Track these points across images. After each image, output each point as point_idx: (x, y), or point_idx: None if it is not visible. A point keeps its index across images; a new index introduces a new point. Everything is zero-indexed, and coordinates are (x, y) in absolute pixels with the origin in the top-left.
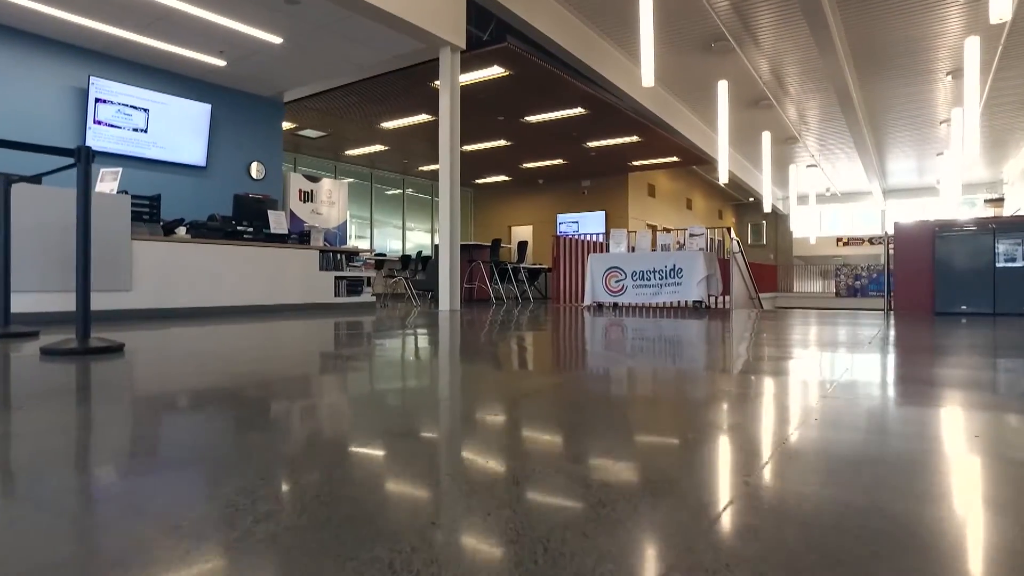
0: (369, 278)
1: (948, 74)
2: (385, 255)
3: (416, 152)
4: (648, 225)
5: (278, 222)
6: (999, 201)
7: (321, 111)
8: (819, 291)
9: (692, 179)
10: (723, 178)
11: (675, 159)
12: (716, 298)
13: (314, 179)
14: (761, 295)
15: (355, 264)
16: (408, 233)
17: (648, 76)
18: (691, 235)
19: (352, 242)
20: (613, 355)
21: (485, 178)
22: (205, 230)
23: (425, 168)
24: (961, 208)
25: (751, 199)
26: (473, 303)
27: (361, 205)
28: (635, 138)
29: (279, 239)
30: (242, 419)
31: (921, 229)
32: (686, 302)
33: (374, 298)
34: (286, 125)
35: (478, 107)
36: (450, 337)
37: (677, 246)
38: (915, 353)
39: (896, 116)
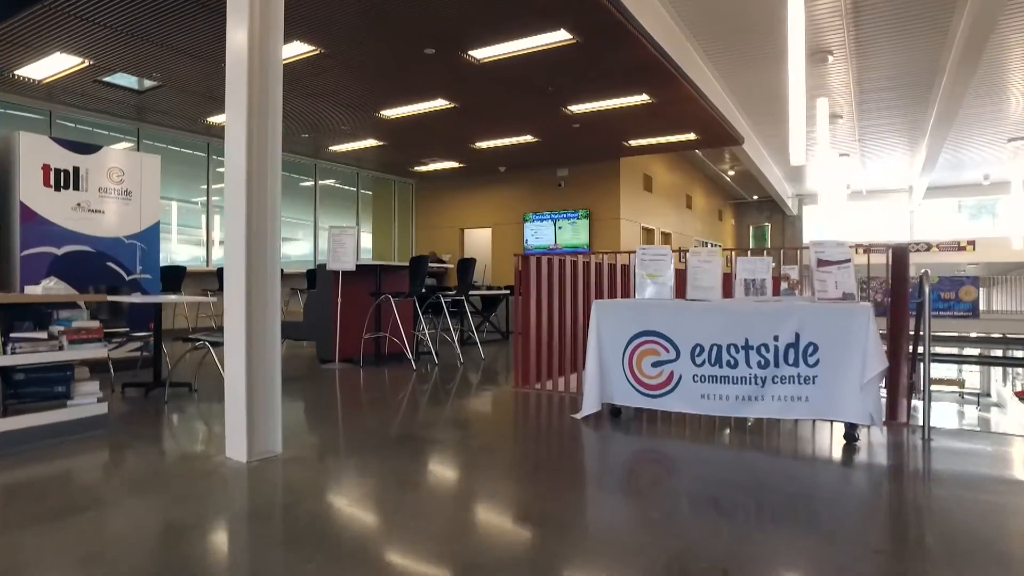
0: (80, 365)
1: None
2: (282, 269)
3: (319, 119)
4: (644, 228)
5: None
6: None
7: (114, 30)
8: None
9: (692, 170)
10: (797, 157)
11: (691, 136)
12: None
13: (85, 149)
14: None
15: (29, 338)
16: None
17: None
18: (821, 262)
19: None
20: None
21: (427, 164)
22: None
23: (340, 148)
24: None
25: (755, 196)
26: (383, 363)
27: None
28: (644, 98)
29: None
30: None
31: None
32: (815, 423)
33: (104, 406)
34: (72, 61)
35: (382, 22)
36: None
37: (788, 286)
38: None
39: (981, 85)
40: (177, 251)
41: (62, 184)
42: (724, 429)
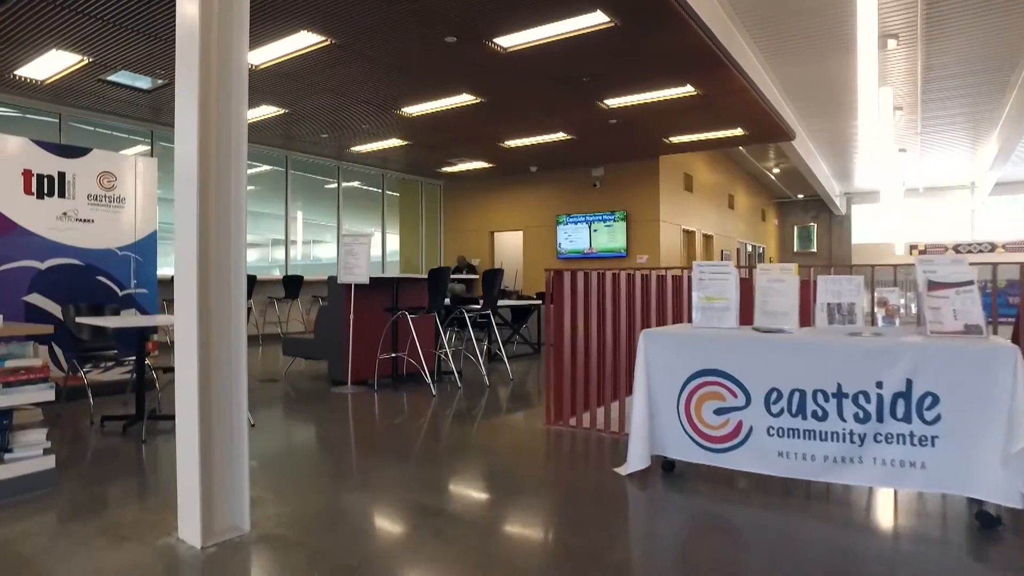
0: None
1: None
2: (301, 277)
3: (337, 117)
4: (685, 231)
5: None
6: None
7: (107, 23)
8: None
9: (735, 168)
10: (869, 152)
11: (738, 132)
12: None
13: (71, 152)
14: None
15: None
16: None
17: None
18: (933, 284)
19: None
20: None
21: (455, 164)
22: None
23: (363, 149)
24: None
25: (800, 195)
26: (401, 385)
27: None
28: (688, 89)
29: None
30: None
31: None
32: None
33: (51, 459)
34: (71, 59)
35: (396, 6)
36: None
37: (886, 314)
38: None
39: None
40: None
41: (45, 191)
42: (808, 496)
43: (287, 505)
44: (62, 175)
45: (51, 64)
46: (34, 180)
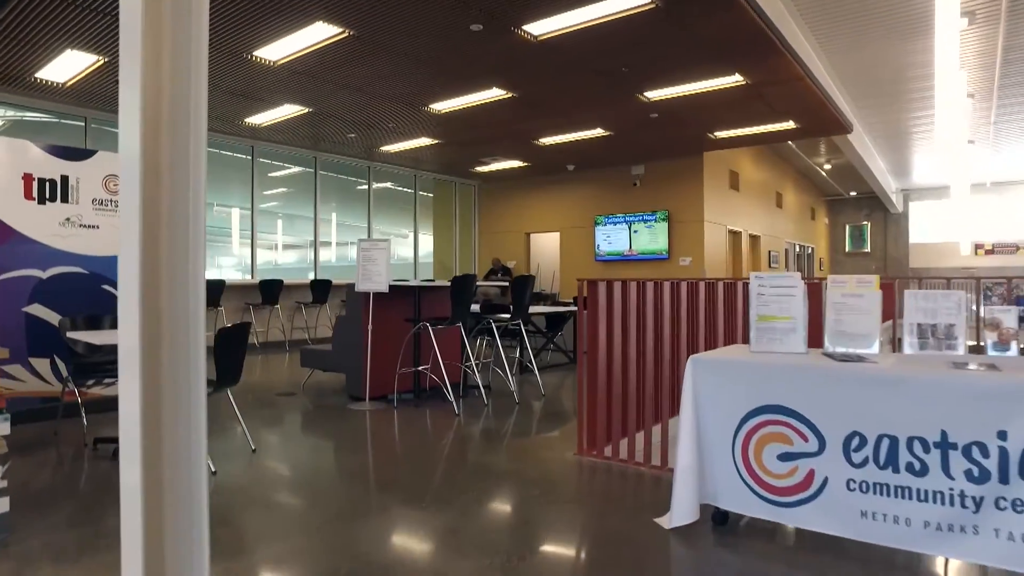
0: None
1: None
2: (330, 281)
3: (362, 116)
4: (731, 232)
5: None
6: None
7: (116, 19)
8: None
9: (783, 164)
10: (944, 144)
11: (790, 125)
12: None
13: (75, 155)
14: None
15: None
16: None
17: None
18: None
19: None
20: None
21: (488, 164)
22: None
23: (392, 148)
24: None
25: (853, 192)
26: (424, 400)
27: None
28: (736, 79)
29: None
30: None
31: None
32: None
33: (6, 502)
34: (88, 60)
35: None
36: None
37: (998, 339)
38: None
39: None
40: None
41: (47, 196)
42: (893, 566)
43: (268, 561)
44: (65, 179)
45: (69, 66)
46: (35, 184)
